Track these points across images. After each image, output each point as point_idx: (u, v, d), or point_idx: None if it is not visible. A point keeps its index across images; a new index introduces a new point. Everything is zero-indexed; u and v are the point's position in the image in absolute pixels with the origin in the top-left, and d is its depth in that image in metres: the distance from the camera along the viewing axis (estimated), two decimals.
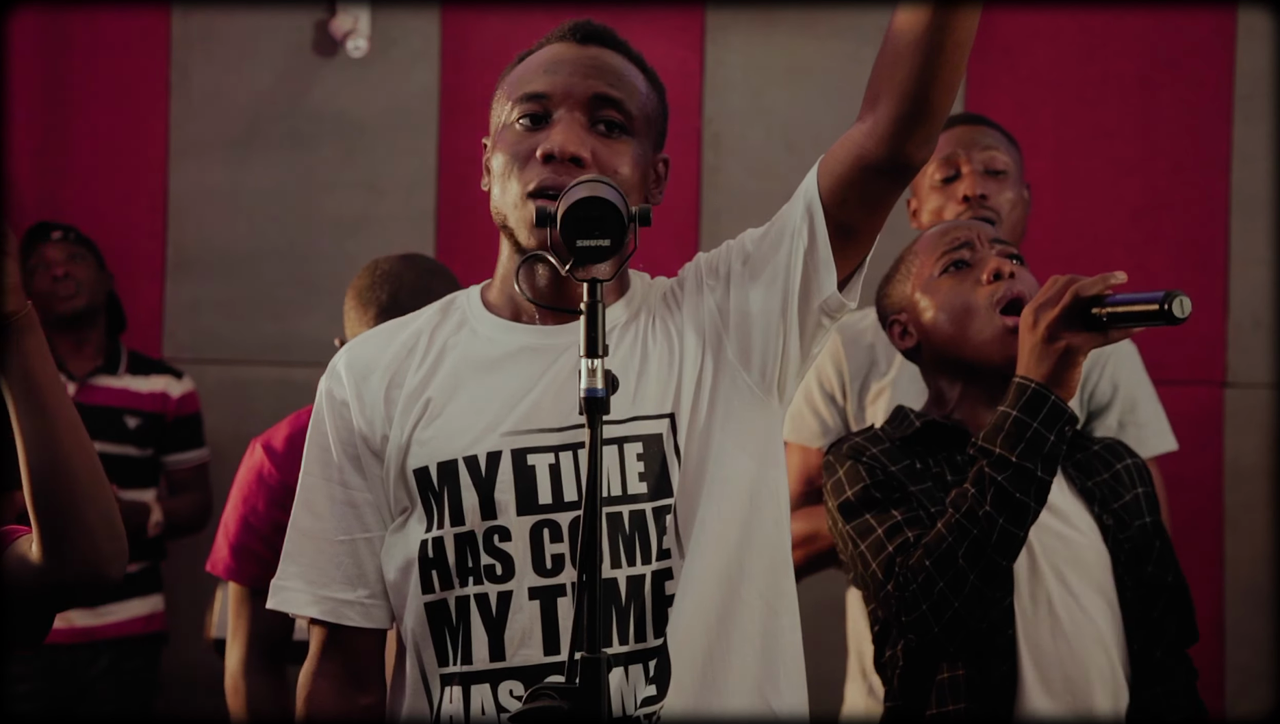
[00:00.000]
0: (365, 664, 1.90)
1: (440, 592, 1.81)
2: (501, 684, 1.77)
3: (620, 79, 1.86)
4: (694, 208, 4.30)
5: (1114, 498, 2.26)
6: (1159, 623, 2.21)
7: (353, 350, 1.91)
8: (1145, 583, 2.21)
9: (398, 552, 1.85)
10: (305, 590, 1.88)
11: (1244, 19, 4.32)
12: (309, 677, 1.89)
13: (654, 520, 1.79)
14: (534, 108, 1.84)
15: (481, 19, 4.32)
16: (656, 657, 1.77)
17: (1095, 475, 2.27)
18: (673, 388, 1.82)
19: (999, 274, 2.22)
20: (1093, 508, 2.22)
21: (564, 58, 1.86)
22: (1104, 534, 2.20)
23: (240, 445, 4.26)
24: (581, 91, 1.83)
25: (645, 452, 1.79)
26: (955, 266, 2.26)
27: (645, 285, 1.93)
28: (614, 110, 1.83)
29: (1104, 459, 2.30)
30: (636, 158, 1.85)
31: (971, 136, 2.88)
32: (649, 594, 1.78)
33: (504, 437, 1.80)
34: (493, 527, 1.78)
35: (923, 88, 1.70)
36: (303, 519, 1.89)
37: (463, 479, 1.79)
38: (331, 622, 1.87)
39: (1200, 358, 4.30)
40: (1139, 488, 2.29)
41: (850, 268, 1.83)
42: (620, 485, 1.78)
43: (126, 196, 4.28)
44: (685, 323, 1.86)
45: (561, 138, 1.81)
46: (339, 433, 1.87)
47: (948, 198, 2.84)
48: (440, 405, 1.83)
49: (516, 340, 1.86)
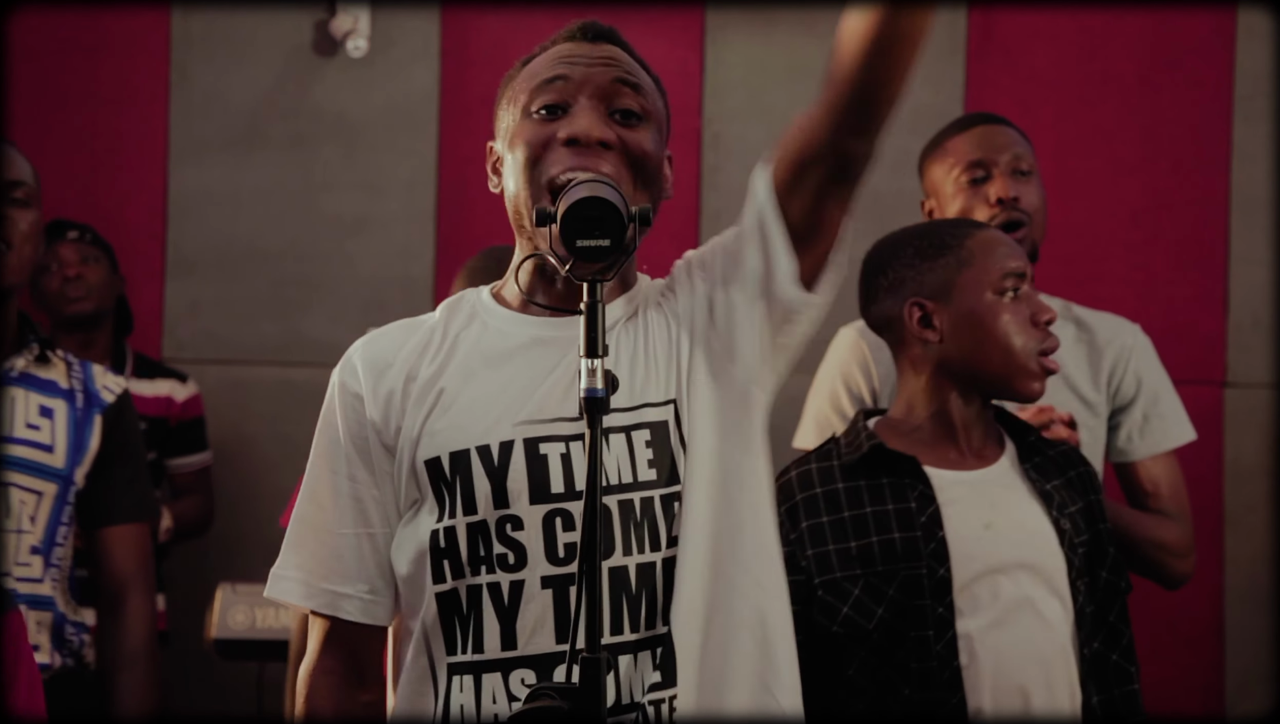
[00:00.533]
0: (366, 660, 1.90)
1: (452, 581, 1.81)
2: (513, 673, 1.78)
3: (634, 70, 1.87)
4: (694, 208, 4.30)
5: (1069, 503, 2.27)
6: (1115, 627, 2.23)
7: (370, 345, 1.92)
8: (1101, 588, 2.24)
9: (409, 544, 1.86)
10: (303, 581, 1.88)
11: (1244, 19, 4.33)
12: (309, 673, 1.89)
13: (663, 508, 1.79)
14: (552, 96, 1.84)
15: (481, 19, 4.32)
16: (663, 644, 1.77)
17: (1052, 479, 2.29)
18: (674, 376, 1.83)
19: (1050, 321, 2.29)
20: (1050, 512, 2.24)
21: (577, 52, 1.87)
22: (1060, 539, 2.22)
23: (240, 446, 4.28)
24: (601, 78, 1.84)
25: (654, 439, 1.80)
26: (1014, 294, 2.29)
27: (647, 284, 1.95)
28: (632, 97, 1.84)
29: (1058, 465, 2.33)
30: (657, 143, 1.86)
31: (997, 137, 2.87)
32: (660, 581, 1.79)
33: (516, 426, 1.80)
34: (505, 515, 1.79)
35: (865, 81, 1.71)
36: (307, 510, 1.90)
37: (475, 468, 1.80)
38: (328, 614, 1.88)
39: (1200, 358, 4.31)
40: (1090, 496, 2.32)
41: (815, 261, 1.83)
42: (631, 472, 1.79)
43: (126, 196, 4.28)
44: (680, 316, 1.87)
45: (586, 121, 1.81)
46: (350, 426, 1.88)
47: (977, 200, 2.83)
48: (453, 396, 1.84)
49: (528, 332, 1.87)
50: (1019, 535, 2.21)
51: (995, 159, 2.82)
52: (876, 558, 2.20)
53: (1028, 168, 2.84)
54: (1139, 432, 2.83)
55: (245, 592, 3.59)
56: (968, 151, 2.84)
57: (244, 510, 4.19)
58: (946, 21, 4.24)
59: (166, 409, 3.96)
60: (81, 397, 2.90)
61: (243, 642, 3.58)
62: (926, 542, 2.18)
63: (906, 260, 2.34)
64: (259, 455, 4.22)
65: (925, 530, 2.19)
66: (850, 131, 1.75)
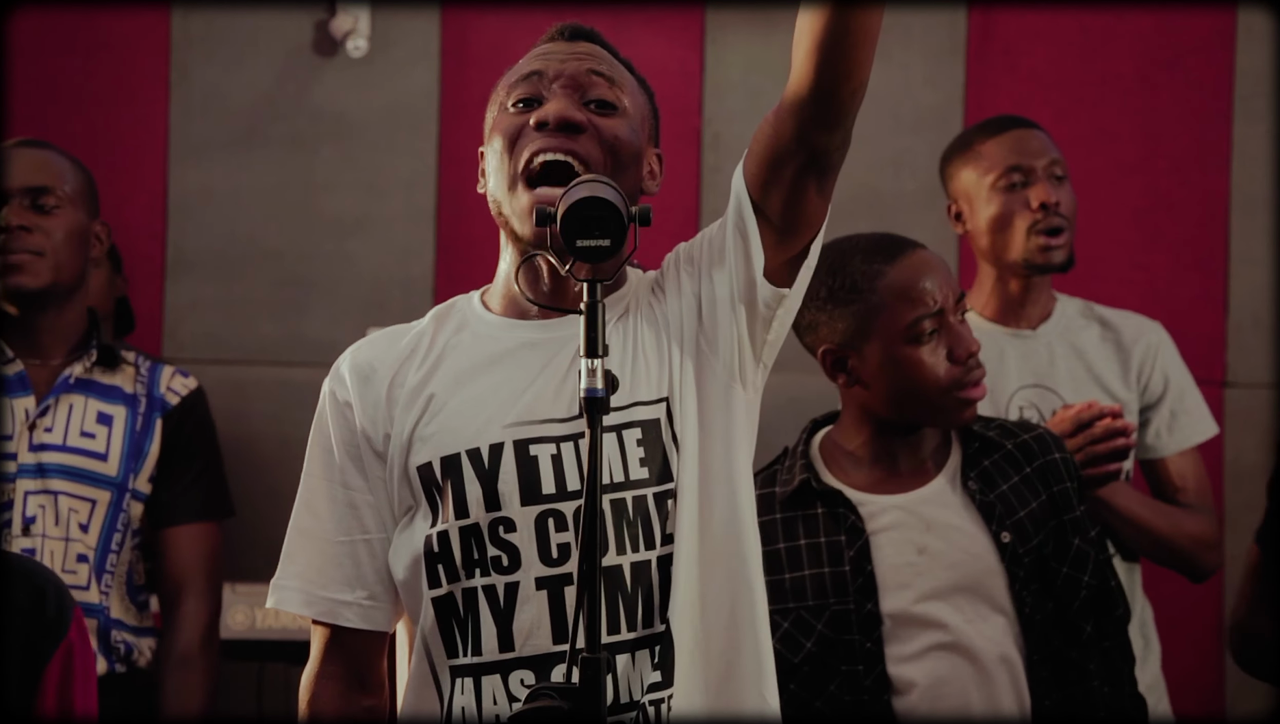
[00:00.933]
0: (367, 666, 1.91)
1: (447, 585, 1.82)
2: (512, 674, 1.78)
3: (611, 65, 1.89)
4: (694, 208, 4.30)
5: (1021, 505, 2.25)
6: (1072, 623, 2.23)
7: (356, 353, 1.93)
8: (1060, 584, 2.22)
9: (405, 551, 1.86)
10: (302, 590, 1.89)
11: (1244, 19, 4.32)
12: (311, 679, 1.90)
13: (656, 506, 1.80)
14: (526, 89, 1.86)
15: (481, 19, 4.31)
16: (660, 643, 1.77)
17: (999, 485, 2.26)
18: (665, 373, 1.84)
19: (972, 355, 2.26)
20: (990, 526, 2.21)
21: (554, 50, 1.90)
22: (1001, 553, 2.20)
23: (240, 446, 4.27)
24: (574, 69, 1.85)
25: (645, 437, 1.80)
26: (931, 335, 2.25)
27: (637, 279, 1.95)
28: (605, 87, 1.85)
29: (1014, 460, 2.29)
30: (632, 133, 1.85)
31: (1033, 142, 2.89)
32: (655, 580, 1.79)
33: (506, 428, 1.81)
34: (497, 518, 1.79)
35: (821, 78, 1.73)
36: (303, 519, 1.91)
37: (466, 472, 1.80)
38: (329, 622, 1.88)
39: (1200, 358, 4.29)
40: (1054, 486, 2.28)
41: (797, 251, 1.83)
42: (622, 471, 1.79)
43: (126, 196, 4.27)
44: (669, 311, 1.87)
45: (555, 105, 1.82)
46: (341, 433, 1.89)
47: (1017, 204, 2.84)
48: (442, 401, 1.84)
49: (517, 336, 1.87)
50: (954, 556, 2.20)
51: (1034, 165, 2.84)
52: (807, 592, 2.19)
53: (1063, 173, 2.87)
54: (1167, 428, 2.86)
55: (245, 592, 3.58)
56: (1004, 156, 2.86)
57: (244, 510, 4.18)
58: (946, 21, 4.24)
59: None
60: (144, 401, 2.92)
61: (243, 642, 3.58)
62: (854, 577, 2.17)
63: (819, 303, 2.28)
64: (259, 455, 4.21)
65: (854, 565, 2.18)
66: (816, 125, 1.75)
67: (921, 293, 2.24)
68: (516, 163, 1.83)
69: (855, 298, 2.25)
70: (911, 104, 4.28)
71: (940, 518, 2.23)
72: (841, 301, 2.26)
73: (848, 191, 4.52)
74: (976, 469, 2.26)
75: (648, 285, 1.92)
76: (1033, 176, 2.83)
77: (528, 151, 1.82)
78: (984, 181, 2.86)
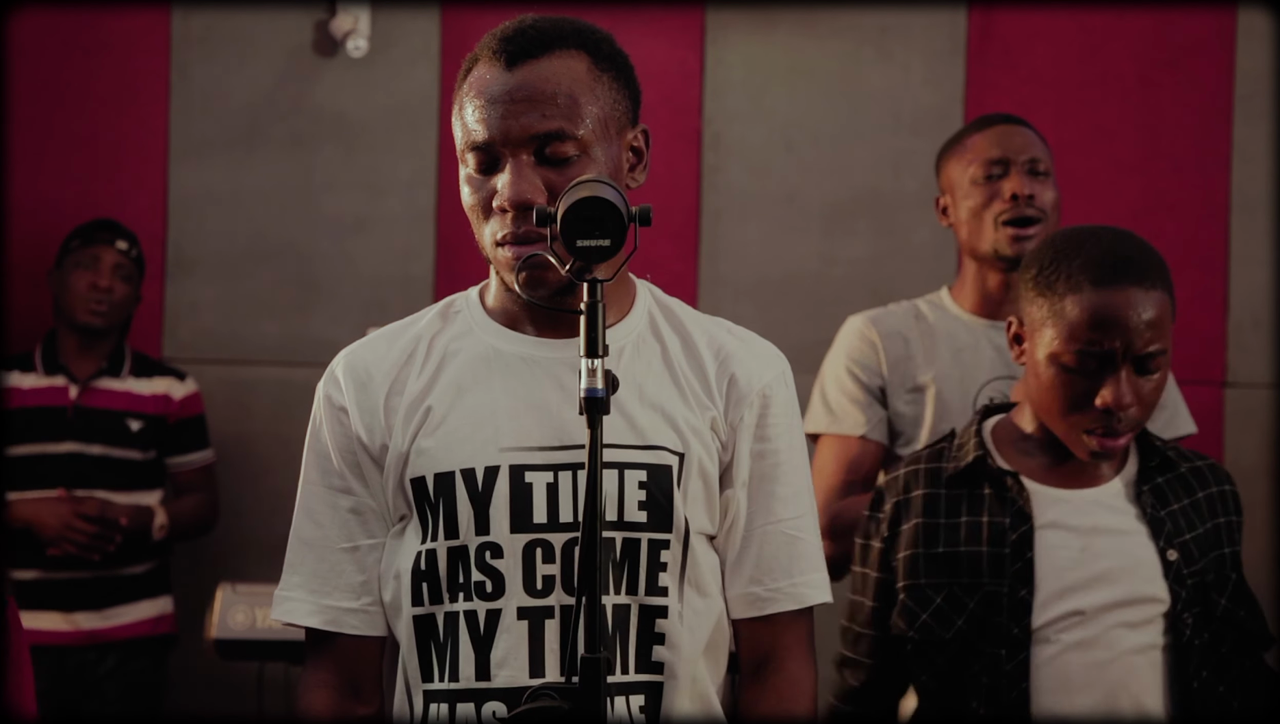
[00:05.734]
0: (363, 674, 1.88)
1: (429, 606, 1.80)
2: (486, 704, 1.77)
3: (554, 102, 1.79)
4: (694, 208, 4.30)
5: (1189, 528, 2.21)
6: (1226, 658, 2.19)
7: (351, 355, 1.90)
8: (1218, 618, 2.19)
9: (394, 561, 1.85)
10: (307, 600, 1.87)
11: (1244, 19, 4.32)
12: (307, 687, 1.88)
13: (648, 553, 1.78)
14: (481, 158, 1.84)
15: (481, 19, 4.28)
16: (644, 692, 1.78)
17: (1170, 503, 2.23)
18: (689, 432, 1.82)
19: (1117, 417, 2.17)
20: (1158, 542, 2.19)
21: (496, 95, 1.80)
22: (1165, 570, 2.18)
23: (241, 446, 4.28)
24: (518, 134, 1.78)
25: (649, 481, 1.78)
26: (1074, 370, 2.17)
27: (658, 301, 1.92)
28: (557, 143, 1.79)
29: (1187, 484, 2.26)
30: (593, 161, 1.80)
31: (1014, 136, 2.90)
32: (634, 627, 1.78)
33: (503, 452, 1.79)
34: (485, 542, 1.77)
35: None
36: (304, 528, 1.89)
37: (459, 492, 1.78)
38: (332, 631, 1.86)
39: (1200, 358, 4.30)
40: (1220, 518, 2.26)
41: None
42: (617, 511, 1.77)
43: (126, 196, 4.27)
44: (716, 406, 1.86)
45: (511, 191, 1.78)
46: (337, 439, 1.86)
47: (992, 195, 2.85)
48: (441, 415, 1.82)
49: (517, 350, 1.85)
50: (1117, 562, 2.17)
51: (1013, 157, 2.85)
52: (962, 569, 2.18)
53: (1045, 169, 2.87)
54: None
55: (245, 592, 3.58)
56: (986, 149, 2.87)
57: (244, 510, 4.19)
58: (946, 21, 4.25)
59: (164, 407, 3.96)
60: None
61: (243, 642, 3.58)
62: (1013, 561, 2.15)
63: (1031, 275, 2.24)
64: (259, 455, 4.22)
65: (1014, 549, 2.15)
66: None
67: (1097, 333, 2.13)
68: (487, 239, 1.84)
69: (1049, 293, 2.18)
70: (911, 104, 4.28)
71: (1108, 522, 2.19)
72: (1039, 289, 2.20)
73: (848, 191, 4.55)
74: (1150, 483, 2.23)
75: (709, 341, 1.89)
76: (1010, 169, 2.84)
77: (500, 234, 1.81)
78: (966, 173, 2.87)
